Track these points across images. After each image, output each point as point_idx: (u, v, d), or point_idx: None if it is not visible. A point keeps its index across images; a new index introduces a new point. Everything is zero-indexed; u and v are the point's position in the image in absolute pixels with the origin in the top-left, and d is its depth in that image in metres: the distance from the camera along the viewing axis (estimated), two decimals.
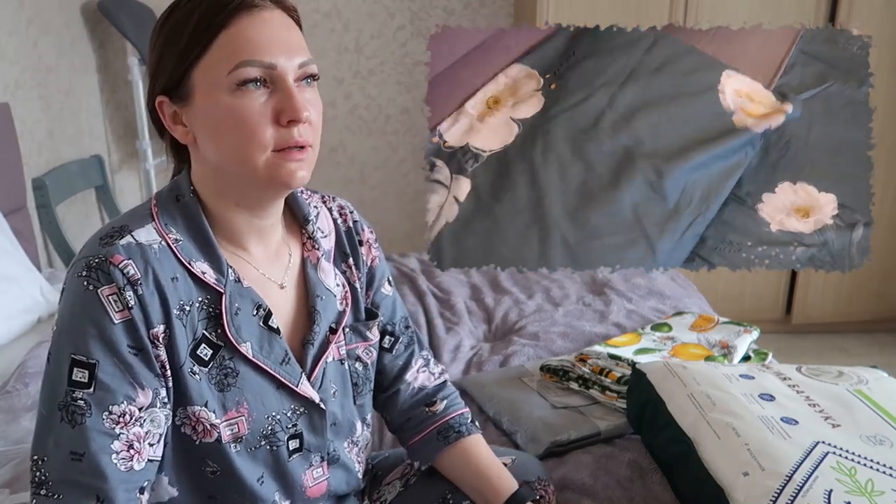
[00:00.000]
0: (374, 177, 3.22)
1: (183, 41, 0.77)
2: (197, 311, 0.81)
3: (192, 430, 0.81)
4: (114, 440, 0.75)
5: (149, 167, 2.81)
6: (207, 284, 0.81)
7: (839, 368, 1.22)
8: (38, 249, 2.32)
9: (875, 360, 2.73)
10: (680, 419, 1.10)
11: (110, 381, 0.75)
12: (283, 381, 0.85)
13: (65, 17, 2.64)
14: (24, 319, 1.79)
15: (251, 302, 0.84)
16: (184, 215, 0.83)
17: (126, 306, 0.75)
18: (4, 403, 1.41)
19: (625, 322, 1.80)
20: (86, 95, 2.77)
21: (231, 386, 0.82)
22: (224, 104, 0.76)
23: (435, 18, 3.09)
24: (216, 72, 0.76)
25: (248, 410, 0.83)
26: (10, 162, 2.15)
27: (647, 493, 1.12)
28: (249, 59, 0.75)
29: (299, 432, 0.88)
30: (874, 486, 0.90)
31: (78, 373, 0.74)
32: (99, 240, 0.78)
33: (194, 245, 0.82)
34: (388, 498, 1.06)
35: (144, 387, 0.76)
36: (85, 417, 0.74)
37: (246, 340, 0.83)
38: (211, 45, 0.76)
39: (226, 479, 0.83)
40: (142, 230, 0.79)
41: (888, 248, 2.92)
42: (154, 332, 0.77)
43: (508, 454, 1.08)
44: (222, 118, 0.77)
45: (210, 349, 0.81)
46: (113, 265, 0.75)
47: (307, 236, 0.94)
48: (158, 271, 0.78)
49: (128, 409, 0.76)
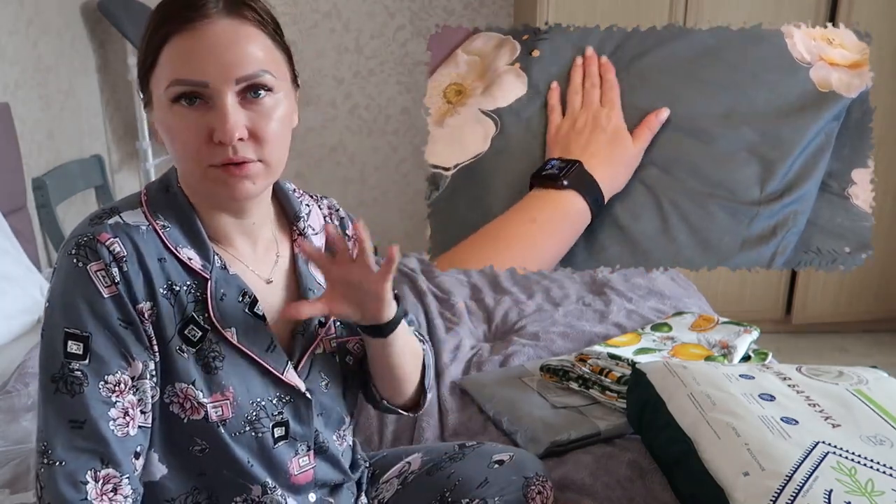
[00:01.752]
0: (374, 177, 3.22)
1: (141, 52, 0.80)
2: (185, 293, 0.83)
3: (179, 407, 0.83)
4: (111, 407, 0.78)
5: (149, 167, 2.81)
6: (193, 270, 0.84)
7: (839, 368, 1.22)
8: (38, 249, 2.32)
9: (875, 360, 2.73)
10: (680, 419, 1.10)
11: (104, 352, 0.78)
12: (269, 367, 0.87)
13: (65, 17, 2.64)
14: (24, 319, 1.79)
15: (237, 288, 0.86)
16: (172, 205, 0.85)
17: (113, 281, 0.78)
18: (4, 403, 1.41)
19: (625, 322, 1.80)
20: (86, 95, 2.77)
21: (217, 369, 0.84)
22: (164, 118, 0.79)
23: (435, 18, 3.09)
24: (160, 85, 0.78)
25: (233, 395, 0.84)
26: (10, 162, 2.15)
27: (647, 493, 1.12)
28: (179, 78, 0.76)
29: (285, 420, 0.89)
30: (874, 486, 0.90)
31: (73, 345, 0.77)
32: (89, 220, 0.81)
33: (181, 233, 0.84)
34: (387, 496, 1.07)
35: (135, 358, 0.79)
36: (83, 387, 0.77)
37: (230, 326, 0.85)
38: (157, 59, 0.78)
39: (215, 456, 0.85)
40: (130, 213, 0.83)
41: (888, 248, 2.92)
42: (139, 307, 0.80)
43: (506, 451, 1.09)
44: (164, 131, 0.80)
45: (199, 331, 0.83)
46: (100, 242, 0.78)
47: (298, 232, 0.95)
48: (144, 251, 0.80)
49: (121, 378, 0.79)
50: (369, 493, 1.08)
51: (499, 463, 1.05)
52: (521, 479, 1.03)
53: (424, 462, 1.08)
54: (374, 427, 1.39)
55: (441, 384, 1.52)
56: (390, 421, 1.40)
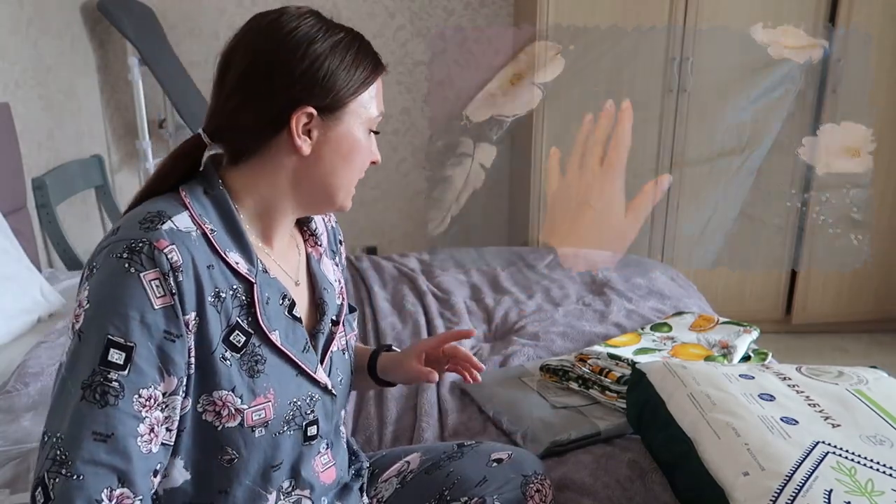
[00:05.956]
0: (374, 177, 3.22)
1: (356, 72, 0.86)
2: (231, 298, 0.82)
3: (214, 415, 0.82)
4: (140, 423, 0.75)
5: (149, 167, 2.81)
6: (240, 274, 0.83)
7: (839, 368, 1.22)
8: (38, 249, 2.32)
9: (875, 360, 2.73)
10: (680, 419, 1.10)
11: (144, 365, 0.75)
12: (304, 367, 0.89)
13: (65, 17, 2.64)
14: (24, 319, 1.79)
15: (278, 292, 0.88)
16: (215, 206, 0.85)
17: (168, 292, 0.76)
18: (4, 403, 1.41)
19: (625, 322, 1.80)
20: (86, 95, 2.77)
21: (260, 372, 0.84)
22: (357, 137, 0.88)
23: (435, 18, 3.09)
24: (365, 112, 0.88)
25: (274, 396, 0.85)
26: (10, 162, 2.15)
27: (647, 493, 1.12)
28: (382, 112, 0.91)
29: (316, 419, 0.91)
30: (874, 485, 0.90)
31: (114, 354, 0.74)
32: (138, 223, 0.78)
33: (228, 236, 0.84)
34: (386, 495, 1.07)
35: (171, 374, 0.77)
36: (118, 399, 0.74)
37: (275, 329, 0.86)
38: (368, 88, 0.88)
39: (243, 465, 0.85)
40: (179, 217, 0.81)
41: (888, 248, 2.92)
42: (186, 318, 0.78)
43: (505, 450, 1.09)
44: (349, 145, 0.88)
45: (243, 336, 0.83)
46: (158, 250, 0.76)
47: (310, 233, 1.00)
48: (197, 259, 0.79)
49: (153, 394, 0.76)
50: (369, 492, 1.08)
51: (497, 461, 1.06)
52: (520, 478, 1.03)
53: (423, 461, 1.09)
54: (373, 427, 1.39)
55: (441, 384, 1.52)
56: (390, 421, 1.40)
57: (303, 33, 0.83)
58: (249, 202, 0.88)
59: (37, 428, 1.29)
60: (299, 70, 0.82)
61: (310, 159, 0.86)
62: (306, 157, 0.86)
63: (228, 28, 3.11)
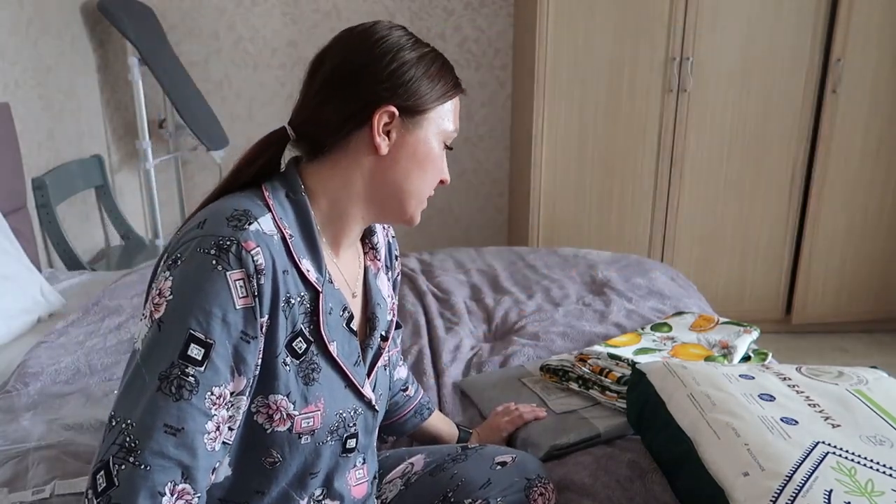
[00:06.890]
0: None
1: (439, 83, 0.89)
2: (298, 305, 0.83)
3: (266, 418, 0.83)
4: (208, 420, 0.75)
5: (149, 167, 2.81)
6: (309, 282, 0.84)
7: (839, 368, 1.22)
8: (38, 249, 2.33)
9: (875, 360, 2.73)
10: (680, 419, 1.10)
11: (220, 363, 0.76)
12: (354, 380, 0.89)
13: (65, 17, 2.64)
14: (24, 319, 1.79)
15: (339, 303, 0.89)
16: (295, 211, 0.86)
17: (251, 293, 0.77)
18: (4, 403, 1.41)
19: (625, 322, 1.80)
20: (86, 95, 2.77)
21: (315, 381, 0.85)
22: (435, 149, 0.90)
23: (435, 18, 3.09)
24: (443, 123, 0.90)
25: (323, 406, 0.86)
26: (10, 162, 2.15)
27: (647, 493, 1.12)
28: (457, 130, 0.94)
29: (356, 432, 0.91)
30: (874, 486, 0.90)
31: (194, 349, 0.74)
32: (226, 220, 0.79)
33: (303, 243, 0.85)
34: (390, 496, 1.07)
35: (242, 374, 0.78)
36: (192, 394, 0.74)
37: (333, 339, 0.87)
38: (448, 101, 0.91)
39: (284, 469, 0.86)
40: (264, 219, 0.81)
41: (888, 248, 2.92)
42: (261, 321, 0.79)
43: (509, 453, 1.09)
44: (423, 155, 0.89)
45: (304, 343, 0.84)
46: (246, 251, 0.77)
47: (370, 246, 1.00)
48: (277, 263, 0.80)
49: (223, 392, 0.76)
50: None
51: (501, 464, 1.06)
52: (524, 481, 1.04)
53: (427, 463, 1.09)
54: None
55: (441, 385, 1.52)
56: None
57: (393, 41, 0.88)
58: (324, 203, 0.88)
59: (36, 428, 1.29)
60: (387, 71, 0.85)
61: (386, 161, 0.87)
62: (383, 158, 0.87)
63: (228, 28, 3.12)
